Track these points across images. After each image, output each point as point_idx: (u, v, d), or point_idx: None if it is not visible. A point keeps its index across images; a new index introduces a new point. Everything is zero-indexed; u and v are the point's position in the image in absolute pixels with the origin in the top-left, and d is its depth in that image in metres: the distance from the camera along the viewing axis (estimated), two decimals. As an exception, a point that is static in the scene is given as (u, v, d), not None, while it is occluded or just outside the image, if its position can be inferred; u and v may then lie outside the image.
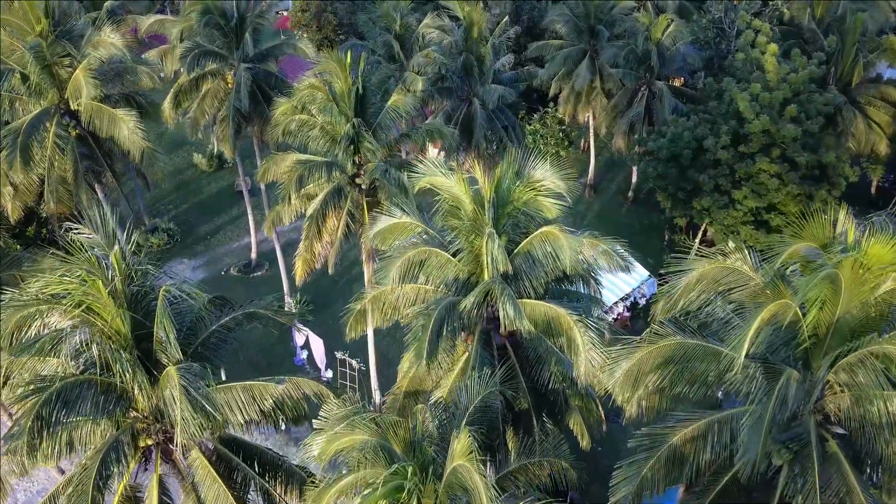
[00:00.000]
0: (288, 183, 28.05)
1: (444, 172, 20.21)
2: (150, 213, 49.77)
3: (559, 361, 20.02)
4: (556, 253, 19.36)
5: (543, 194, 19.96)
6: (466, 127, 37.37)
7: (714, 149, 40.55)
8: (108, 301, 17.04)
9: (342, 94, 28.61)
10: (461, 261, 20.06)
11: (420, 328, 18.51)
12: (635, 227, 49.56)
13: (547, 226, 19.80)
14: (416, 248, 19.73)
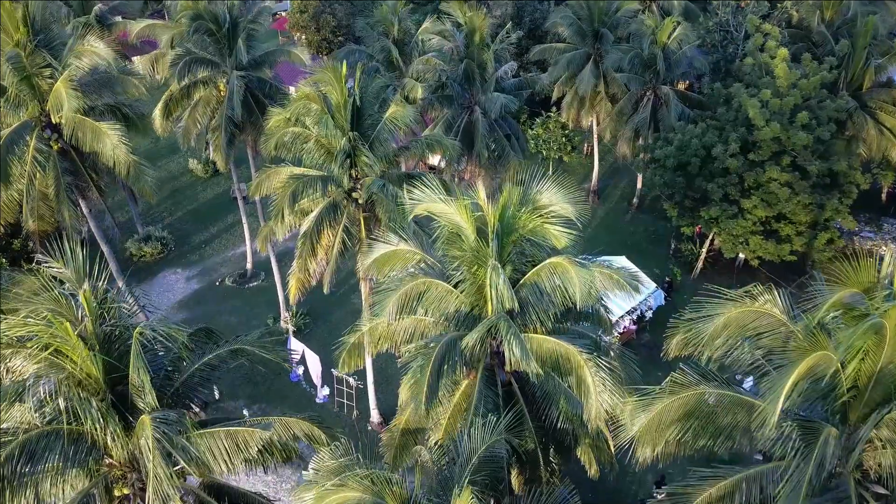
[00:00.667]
0: (281, 198, 26.41)
1: (442, 198, 18.50)
2: (144, 221, 48.11)
3: (568, 399, 18.42)
4: (565, 286, 17.71)
5: (551, 222, 18.26)
6: (467, 136, 35.71)
7: (723, 157, 38.87)
8: (77, 343, 15.42)
9: (338, 105, 26.97)
10: (463, 292, 18.41)
11: (418, 369, 16.89)
12: (640, 235, 47.93)
13: (555, 256, 18.11)
14: (415, 279, 18.06)
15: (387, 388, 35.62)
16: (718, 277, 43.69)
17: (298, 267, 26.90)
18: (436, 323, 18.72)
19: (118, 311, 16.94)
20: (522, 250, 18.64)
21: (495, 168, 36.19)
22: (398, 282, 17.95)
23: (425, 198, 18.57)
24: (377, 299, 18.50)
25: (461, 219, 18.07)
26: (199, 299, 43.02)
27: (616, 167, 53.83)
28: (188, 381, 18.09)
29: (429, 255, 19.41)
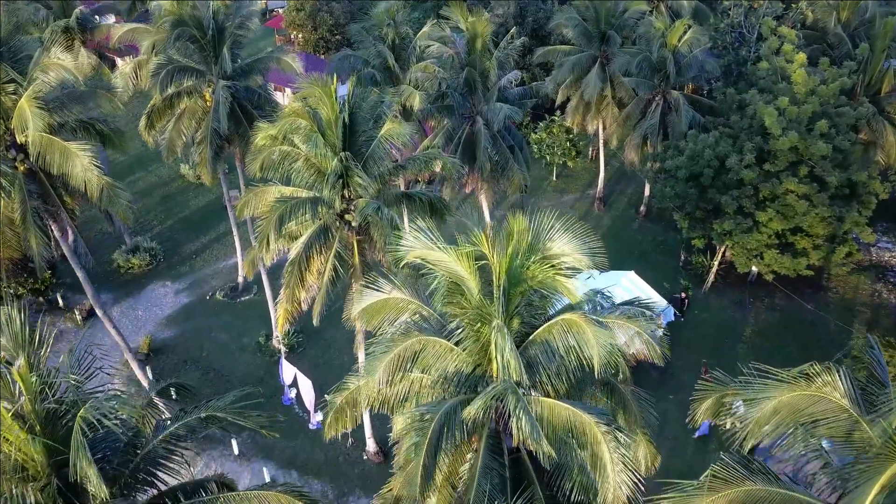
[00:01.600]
0: (267, 223, 23.96)
1: (440, 245, 16.03)
2: (132, 231, 45.61)
3: (583, 470, 15.98)
4: (580, 347, 15.25)
5: (564, 273, 15.79)
6: (469, 147, 33.19)
7: (737, 168, 36.34)
8: (12, 426, 13.00)
9: (328, 122, 24.52)
10: (465, 350, 15.97)
11: (413, 448, 14.49)
12: (648, 245, 45.44)
13: (569, 312, 15.65)
14: (408, 338, 15.59)
15: (383, 414, 33.25)
16: (730, 291, 41.31)
17: (286, 297, 24.47)
18: (433, 384, 16.28)
19: (75, 370, 14.44)
20: (531, 301, 16.19)
21: (498, 181, 33.68)
22: (389, 343, 15.48)
23: (419, 243, 16.06)
24: (367, 360, 16.03)
25: (462, 269, 15.62)
26: (189, 314, 40.59)
27: (622, 171, 51.26)
28: (150, 457, 15.64)
29: (425, 305, 16.96)
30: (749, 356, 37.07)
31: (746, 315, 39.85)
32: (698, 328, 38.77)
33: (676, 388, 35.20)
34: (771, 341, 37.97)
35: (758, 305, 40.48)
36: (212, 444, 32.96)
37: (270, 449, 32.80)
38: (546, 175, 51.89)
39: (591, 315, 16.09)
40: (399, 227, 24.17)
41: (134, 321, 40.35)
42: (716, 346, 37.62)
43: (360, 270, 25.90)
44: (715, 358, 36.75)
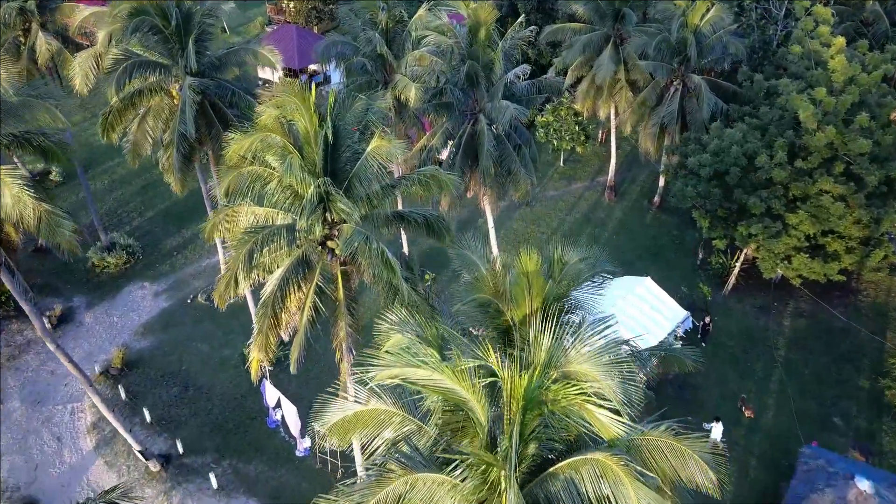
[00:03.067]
0: (233, 261, 20.15)
1: (431, 363, 12.15)
2: (107, 225, 41.74)
3: None
4: (616, 500, 11.40)
5: (594, 401, 11.93)
6: (470, 148, 29.12)
7: (768, 167, 32.28)
8: None
9: (307, 136, 20.54)
10: (468, 489, 12.18)
11: None
12: (663, 240, 41.56)
13: (602, 451, 11.77)
14: (389, 480, 11.83)
15: (376, 442, 29.86)
16: (753, 294, 37.57)
17: (258, 344, 20.81)
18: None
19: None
20: (548, 423, 12.37)
21: (503, 186, 29.68)
22: (364, 489, 11.74)
23: (396, 356, 12.20)
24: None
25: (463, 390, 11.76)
26: (168, 321, 36.96)
27: (634, 156, 47.07)
28: None
29: (412, 416, 13.20)
30: (777, 372, 33.66)
31: (770, 321, 36.18)
32: (719, 337, 35.14)
33: (696, 409, 31.72)
34: (799, 352, 34.38)
35: (783, 310, 36.77)
36: (188, 475, 29.65)
37: (253, 482, 29.46)
38: (553, 161, 47.74)
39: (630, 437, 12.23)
40: (391, 265, 20.34)
41: (108, 328, 36.71)
42: (739, 359, 34.06)
43: (346, 306, 22.15)
44: (739, 373, 33.27)
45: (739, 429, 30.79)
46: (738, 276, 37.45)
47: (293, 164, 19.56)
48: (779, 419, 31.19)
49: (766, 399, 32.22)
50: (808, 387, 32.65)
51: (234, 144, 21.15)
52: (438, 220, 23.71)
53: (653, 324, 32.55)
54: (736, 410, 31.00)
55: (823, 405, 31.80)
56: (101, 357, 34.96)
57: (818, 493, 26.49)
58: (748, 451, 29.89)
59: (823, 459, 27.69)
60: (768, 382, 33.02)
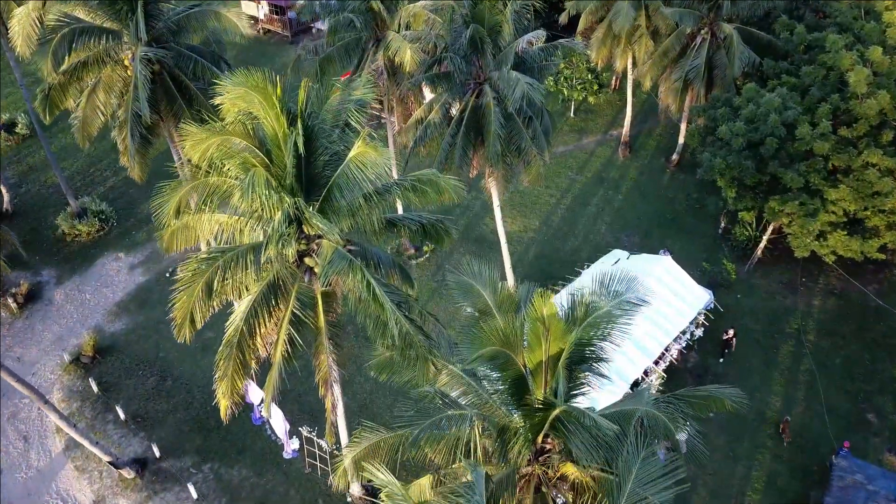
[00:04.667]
0: (187, 295, 16.45)
1: None
2: (77, 189, 37.64)
3: None
4: None
5: None
6: (473, 122, 24.79)
7: (809, 139, 28.03)
8: None
9: (274, 138, 16.51)
10: None
11: None
12: (681, 205, 37.54)
13: None
14: None
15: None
16: (779, 269, 33.88)
17: (223, 390, 17.40)
18: None
19: None
20: None
21: (511, 167, 25.49)
22: None
23: None
24: None
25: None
26: (144, 298, 33.44)
27: (651, 106, 42.42)
28: None
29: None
30: (805, 361, 30.33)
31: (798, 301, 32.62)
32: (742, 319, 31.69)
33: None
34: (829, 337, 30.97)
35: (811, 287, 33.13)
36: (165, 483, 26.75)
37: (237, 490, 26.61)
38: (563, 111, 43.08)
39: None
40: (380, 299, 16.63)
41: (80, 307, 33.22)
42: (764, 346, 30.71)
43: (329, 336, 18.54)
44: (764, 362, 29.96)
45: (766, 428, 27.68)
46: (763, 248, 33.64)
47: (256, 182, 15.50)
48: (808, 418, 28.07)
49: (794, 393, 29.03)
50: (840, 379, 29.41)
51: (188, 142, 17.07)
52: (437, 224, 19.86)
53: (674, 312, 29.01)
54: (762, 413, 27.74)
55: (856, 400, 28.61)
56: (71, 342, 31.62)
57: (856, 515, 23.59)
58: (776, 456, 26.88)
59: (862, 475, 24.67)
60: (796, 373, 29.76)
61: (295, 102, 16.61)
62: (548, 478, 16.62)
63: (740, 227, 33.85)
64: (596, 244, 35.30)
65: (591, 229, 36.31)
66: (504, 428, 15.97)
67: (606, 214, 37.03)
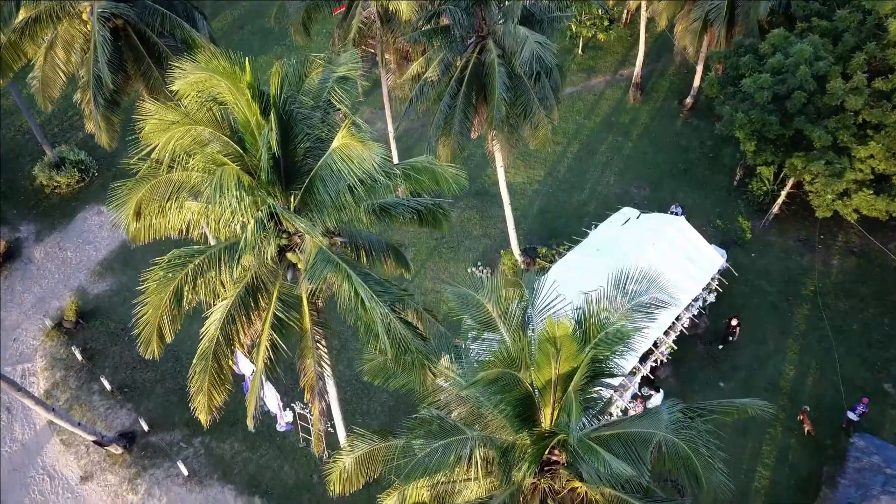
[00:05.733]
0: (152, 310, 14.55)
1: None
2: (52, 137, 35.03)
3: None
4: None
5: None
6: (475, 79, 22.15)
7: (841, 93, 25.42)
8: None
9: (246, 125, 14.22)
10: None
11: None
12: (695, 154, 35.04)
13: None
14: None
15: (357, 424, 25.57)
16: (795, 225, 31.78)
17: (200, 405, 15.72)
18: None
19: None
20: None
21: (516, 130, 22.97)
22: None
23: None
24: None
25: None
26: (129, 257, 31.53)
27: (665, 43, 39.19)
28: None
29: None
30: (821, 326, 28.60)
31: (815, 259, 30.66)
32: (757, 280, 29.88)
33: (728, 373, 27.17)
34: (847, 299, 29.20)
35: (830, 245, 31.10)
36: (155, 458, 25.58)
37: (229, 464, 25.43)
38: (571, 47, 39.85)
39: None
40: (367, 307, 14.70)
41: (62, 266, 31.35)
42: (779, 309, 29.00)
43: (315, 339, 16.69)
44: (778, 327, 28.29)
45: (779, 400, 26.25)
46: (781, 204, 31.41)
47: (226, 182, 13.28)
48: (823, 387, 26.63)
49: (808, 361, 27.47)
50: (857, 346, 27.79)
51: (148, 123, 14.84)
52: (435, 209, 17.70)
53: (687, 278, 27.10)
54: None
55: (873, 369, 27.07)
56: (53, 304, 29.92)
57: (871, 501, 22.35)
58: (788, 429, 25.56)
59: (880, 456, 23.35)
60: (811, 339, 28.12)
61: (269, 84, 14.19)
62: (554, 490, 15.18)
63: (757, 182, 31.51)
64: (604, 197, 33.03)
65: (600, 180, 33.96)
66: (507, 449, 14.38)
67: (615, 164, 34.58)
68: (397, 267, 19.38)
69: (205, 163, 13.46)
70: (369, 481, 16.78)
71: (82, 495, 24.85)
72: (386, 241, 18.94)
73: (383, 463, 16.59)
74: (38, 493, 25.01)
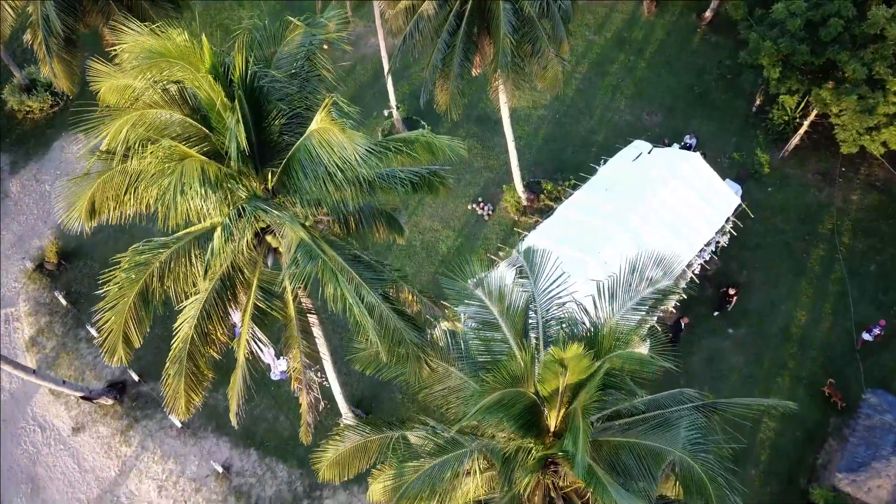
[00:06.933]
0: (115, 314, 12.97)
1: None
2: (23, 55, 32.11)
3: None
4: None
5: None
6: (477, 11, 19.45)
7: (882, 21, 22.70)
8: None
9: (211, 103, 12.15)
10: None
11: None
12: (712, 73, 32.28)
13: None
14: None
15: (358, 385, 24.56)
16: (815, 157, 29.58)
17: (178, 411, 14.27)
18: None
19: None
20: None
21: (523, 70, 20.37)
22: None
23: None
24: None
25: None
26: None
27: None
28: None
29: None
30: (837, 268, 27.01)
31: (834, 194, 28.70)
32: (772, 217, 28.12)
33: (736, 319, 25.84)
34: (866, 239, 27.51)
35: (851, 178, 29.05)
36: (147, 409, 24.73)
37: (223, 415, 24.59)
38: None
39: None
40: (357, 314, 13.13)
41: (40, 201, 29.49)
42: (793, 249, 27.38)
43: (301, 328, 15.21)
44: (791, 269, 26.78)
45: (789, 347, 25.11)
46: (802, 135, 29.10)
47: (188, 182, 11.36)
48: (836, 334, 25.42)
49: (822, 305, 26.11)
50: (872, 289, 26.35)
51: (103, 85, 12.90)
52: (432, 177, 15.76)
53: (700, 220, 25.27)
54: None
55: (889, 315, 25.72)
56: (33, 243, 28.29)
57: (882, 461, 21.56)
58: (796, 378, 24.55)
59: (892, 415, 22.35)
60: (825, 282, 26.66)
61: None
62: (557, 486, 14.16)
63: (778, 110, 29.04)
64: (614, 125, 30.64)
65: (610, 105, 31.42)
66: (509, 458, 13.20)
67: (627, 87, 31.90)
68: (390, 233, 17.64)
69: (161, 158, 11.40)
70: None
71: (75, 447, 24.14)
72: (377, 207, 17.08)
73: (377, 454, 15.57)
74: (30, 444, 24.31)
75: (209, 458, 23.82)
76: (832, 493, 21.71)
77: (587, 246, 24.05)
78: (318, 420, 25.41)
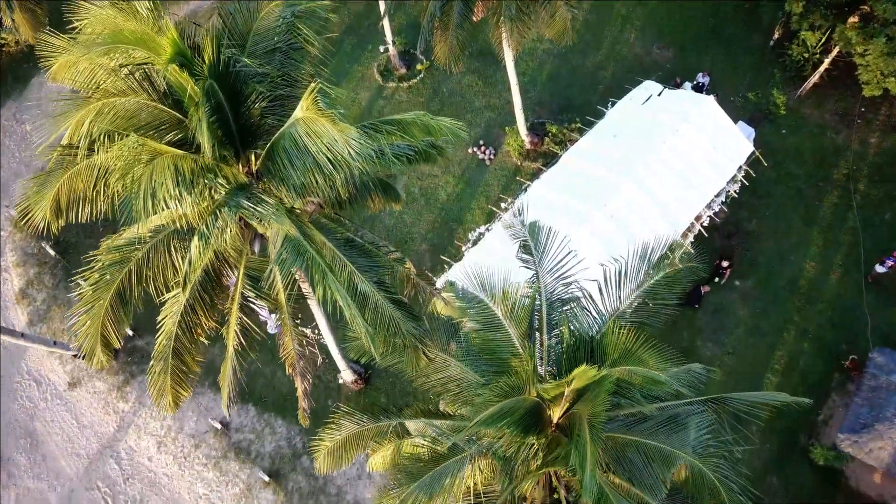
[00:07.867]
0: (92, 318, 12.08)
1: None
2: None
3: None
4: None
5: None
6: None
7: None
8: None
9: (181, 88, 10.88)
10: None
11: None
12: (727, 9, 30.17)
13: None
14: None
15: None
16: (834, 97, 27.93)
17: (166, 407, 13.61)
18: None
19: None
20: None
21: (529, 18, 18.56)
22: None
23: None
24: None
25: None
26: (95, 133, 27.96)
27: None
28: None
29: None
30: (850, 217, 25.86)
31: (852, 137, 27.23)
32: (785, 161, 26.79)
33: (744, 271, 24.99)
34: (881, 185, 26.27)
35: (869, 120, 27.50)
36: (143, 364, 24.24)
37: (219, 371, 23.93)
38: None
39: None
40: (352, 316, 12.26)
41: (21, 143, 28.09)
42: (805, 196, 26.22)
43: (292, 314, 14.37)
44: (802, 218, 25.73)
45: (796, 300, 24.34)
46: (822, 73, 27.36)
47: (159, 184, 10.22)
48: (844, 287, 24.55)
49: (832, 256, 25.17)
50: (886, 241, 25.29)
51: (57, 63, 11.64)
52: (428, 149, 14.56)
53: (711, 169, 24.02)
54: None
55: (902, 267, 24.88)
56: (17, 190, 26.98)
57: (885, 423, 21.15)
58: (802, 333, 23.90)
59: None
60: (837, 232, 25.63)
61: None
62: (560, 476, 13.70)
63: (798, 46, 27.15)
64: (623, 60, 28.80)
65: (619, 38, 29.46)
66: (510, 458, 12.63)
67: (637, 18, 29.83)
68: (386, 202, 16.51)
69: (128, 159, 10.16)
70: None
71: (71, 402, 23.79)
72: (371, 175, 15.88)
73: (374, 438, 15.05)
74: (27, 398, 23.95)
75: (207, 414, 23.51)
76: (832, 452, 21.45)
77: (593, 197, 22.93)
78: (316, 375, 25.05)
